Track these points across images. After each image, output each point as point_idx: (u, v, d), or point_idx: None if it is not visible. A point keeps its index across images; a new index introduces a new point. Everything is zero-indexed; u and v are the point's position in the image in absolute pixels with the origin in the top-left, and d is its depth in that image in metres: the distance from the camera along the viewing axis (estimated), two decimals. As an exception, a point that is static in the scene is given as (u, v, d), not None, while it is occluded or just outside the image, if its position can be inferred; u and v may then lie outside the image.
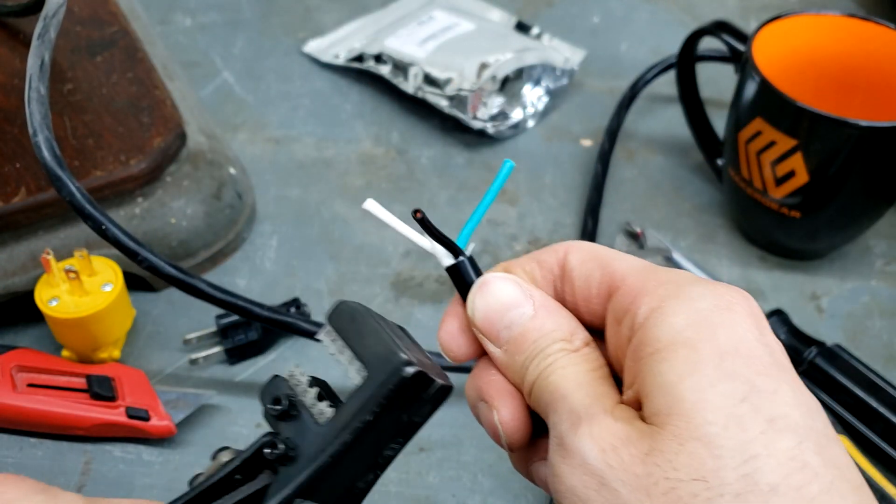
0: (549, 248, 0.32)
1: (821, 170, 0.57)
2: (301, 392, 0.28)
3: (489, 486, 0.51)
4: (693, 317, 0.26)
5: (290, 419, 0.28)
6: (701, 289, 0.27)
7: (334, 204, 0.67)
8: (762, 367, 0.26)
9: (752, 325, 0.27)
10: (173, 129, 0.59)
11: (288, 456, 0.27)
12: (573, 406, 0.27)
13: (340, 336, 0.28)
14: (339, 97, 0.76)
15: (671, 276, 0.29)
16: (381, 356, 0.27)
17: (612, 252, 0.31)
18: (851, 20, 0.62)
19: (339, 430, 0.27)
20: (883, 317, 0.61)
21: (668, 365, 0.26)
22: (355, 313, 0.28)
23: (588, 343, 0.30)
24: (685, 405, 0.25)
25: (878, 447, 0.52)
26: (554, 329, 0.30)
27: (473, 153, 0.71)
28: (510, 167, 0.30)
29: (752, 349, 0.26)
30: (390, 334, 0.27)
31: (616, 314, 0.29)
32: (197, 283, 0.49)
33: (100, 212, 0.46)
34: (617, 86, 0.76)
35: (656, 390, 0.26)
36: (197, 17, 0.83)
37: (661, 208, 0.68)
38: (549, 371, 0.29)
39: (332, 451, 0.27)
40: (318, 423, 0.27)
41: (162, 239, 0.58)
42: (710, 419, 0.24)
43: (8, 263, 0.55)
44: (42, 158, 0.45)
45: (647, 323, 0.27)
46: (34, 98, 0.46)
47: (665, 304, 0.27)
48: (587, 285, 0.30)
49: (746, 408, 0.25)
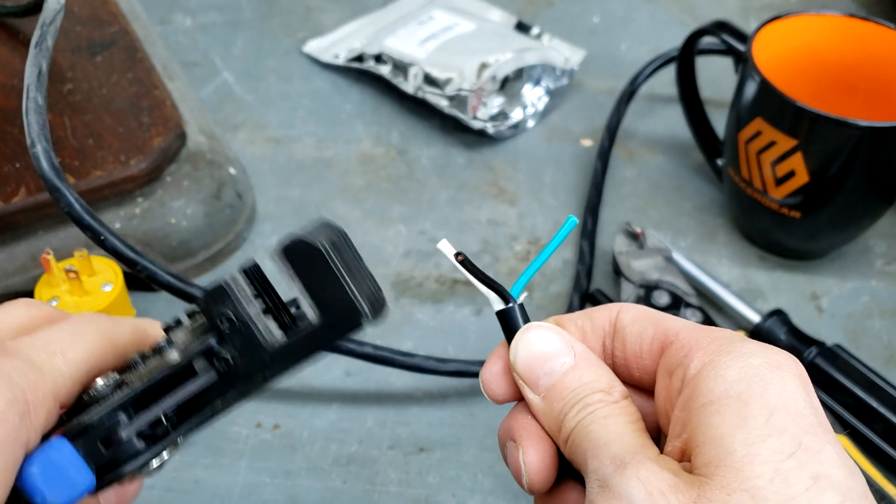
0: (602, 307, 0.33)
1: (821, 170, 0.57)
2: (246, 301, 0.30)
3: (489, 486, 0.51)
4: (745, 372, 0.27)
5: (236, 331, 0.30)
6: (753, 346, 0.29)
7: (334, 204, 0.67)
8: (809, 426, 0.27)
9: (799, 385, 0.28)
10: (173, 129, 0.59)
11: (233, 366, 0.30)
12: (616, 452, 0.28)
13: (293, 268, 0.29)
14: (339, 97, 0.76)
15: (724, 333, 0.30)
16: (340, 301, 0.29)
17: (662, 313, 0.32)
18: (851, 20, 0.62)
19: (285, 360, 0.29)
20: (883, 317, 0.61)
21: (719, 418, 0.27)
22: (313, 254, 0.29)
23: (626, 396, 0.30)
24: (735, 457, 0.26)
25: (878, 447, 0.52)
26: (593, 380, 0.30)
27: (473, 153, 0.71)
28: (573, 223, 0.31)
29: (800, 408, 0.27)
30: (348, 271, 0.29)
31: (668, 367, 0.30)
32: (195, 292, 0.49)
33: (98, 222, 0.46)
34: (617, 86, 0.76)
35: (707, 442, 0.27)
36: (197, 17, 0.83)
37: (661, 208, 0.68)
38: (588, 420, 0.30)
39: (276, 374, 0.30)
40: (266, 345, 0.29)
41: (162, 239, 0.58)
42: (758, 472, 0.25)
43: (8, 263, 0.55)
44: (40, 170, 0.45)
45: (699, 375, 0.28)
46: (31, 108, 0.46)
47: (718, 359, 0.28)
48: (639, 341, 0.31)
49: (793, 464, 0.25)
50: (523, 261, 0.63)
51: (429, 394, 0.55)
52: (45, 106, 0.47)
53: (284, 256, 0.29)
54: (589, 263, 0.62)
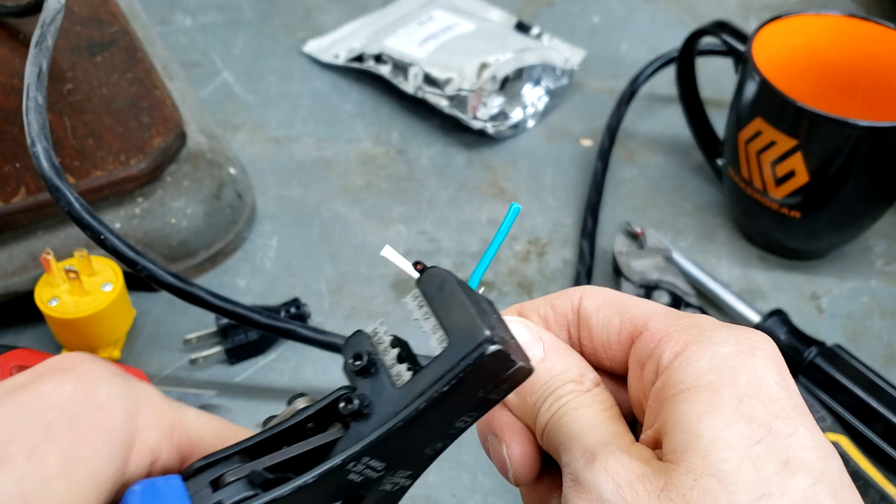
0: (562, 293, 0.32)
1: (821, 170, 0.57)
2: (382, 350, 0.29)
3: (489, 486, 0.51)
4: (715, 361, 0.27)
5: (368, 376, 0.28)
6: (723, 333, 0.28)
7: (334, 204, 0.67)
8: (780, 410, 0.26)
9: (772, 369, 0.27)
10: (173, 129, 0.59)
11: (361, 413, 0.28)
12: (587, 444, 0.28)
13: (427, 302, 0.28)
14: (339, 97, 0.76)
15: (694, 320, 0.29)
16: (465, 329, 0.26)
17: (627, 297, 0.31)
18: (851, 20, 0.62)
19: (414, 397, 0.27)
20: (883, 317, 0.61)
21: (688, 405, 0.26)
22: (444, 281, 0.28)
23: (598, 384, 0.30)
24: (701, 442, 0.25)
25: (878, 447, 0.52)
26: (564, 370, 0.30)
27: (473, 153, 0.71)
28: (516, 210, 0.29)
29: (771, 393, 0.27)
30: (476, 307, 0.27)
31: (639, 359, 0.30)
32: (196, 292, 0.49)
33: (98, 221, 0.46)
34: (617, 86, 0.76)
35: (675, 428, 0.26)
36: (197, 17, 0.83)
37: (661, 208, 0.68)
38: (561, 412, 0.29)
39: (405, 416, 0.27)
40: (395, 386, 0.27)
41: (162, 239, 0.58)
42: (726, 457, 0.25)
43: (8, 263, 0.55)
44: (40, 169, 0.45)
45: (670, 367, 0.28)
46: (32, 107, 0.46)
47: (688, 349, 0.28)
48: (606, 332, 0.31)
49: (762, 449, 0.25)
50: (523, 261, 0.63)
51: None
52: (45, 105, 0.47)
53: (419, 287, 0.28)
54: (589, 263, 0.62)
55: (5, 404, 0.24)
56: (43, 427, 0.24)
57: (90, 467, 0.25)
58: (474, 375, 0.26)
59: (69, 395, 0.25)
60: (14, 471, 0.23)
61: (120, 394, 0.26)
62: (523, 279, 0.62)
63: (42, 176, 0.45)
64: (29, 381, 0.25)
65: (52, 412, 0.24)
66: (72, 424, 0.24)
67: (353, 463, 0.27)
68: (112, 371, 0.26)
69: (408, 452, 0.28)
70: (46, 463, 0.24)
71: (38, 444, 0.24)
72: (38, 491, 0.23)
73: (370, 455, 0.27)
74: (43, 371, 0.26)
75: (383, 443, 0.27)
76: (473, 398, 0.27)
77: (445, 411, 0.27)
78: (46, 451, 0.24)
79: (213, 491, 0.27)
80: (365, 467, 0.27)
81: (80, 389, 0.25)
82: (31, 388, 0.25)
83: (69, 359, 0.26)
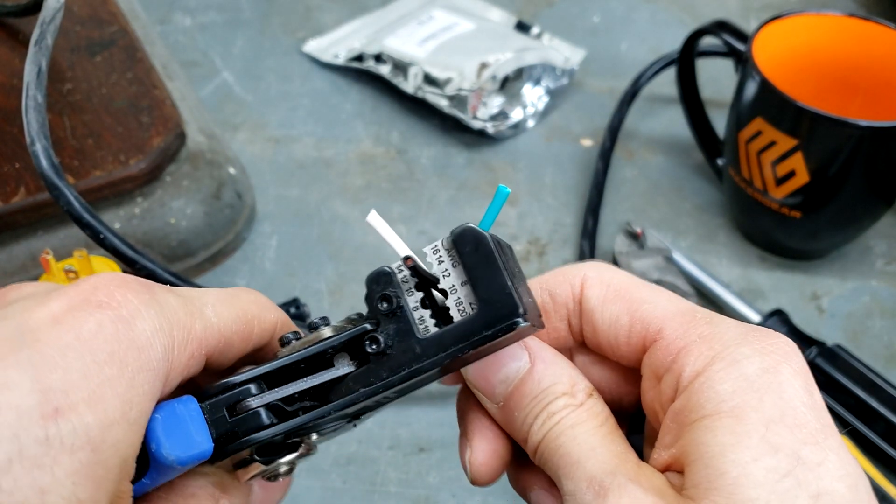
0: (561, 277, 0.30)
1: (821, 170, 0.57)
2: (406, 291, 0.29)
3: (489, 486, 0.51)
4: (739, 383, 0.26)
5: (393, 318, 0.29)
6: (747, 350, 0.27)
7: (334, 204, 0.67)
8: (808, 435, 0.25)
9: (799, 388, 0.26)
10: (173, 129, 0.59)
11: (385, 353, 0.28)
12: (592, 473, 0.26)
13: (460, 260, 0.28)
14: (339, 97, 0.76)
15: (714, 329, 0.27)
16: (500, 301, 0.27)
17: (634, 286, 0.29)
18: (851, 20, 0.62)
19: (436, 351, 0.27)
20: (883, 317, 0.61)
21: (712, 435, 0.25)
22: (480, 243, 0.28)
23: (591, 394, 0.28)
24: (727, 479, 0.24)
25: (879, 447, 0.52)
26: (554, 382, 0.28)
27: (473, 153, 0.71)
28: (505, 194, 0.29)
29: (799, 416, 0.25)
30: (510, 274, 0.28)
31: (654, 370, 0.28)
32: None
33: (98, 220, 0.46)
34: (617, 85, 0.76)
35: (698, 461, 0.25)
36: (197, 17, 0.83)
37: (662, 208, 0.68)
38: (556, 432, 0.27)
39: (426, 366, 0.28)
40: (419, 335, 0.28)
41: (161, 239, 0.58)
42: (753, 496, 0.24)
43: (7, 263, 0.55)
44: (39, 168, 0.45)
45: (691, 388, 0.26)
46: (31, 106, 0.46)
47: (710, 369, 0.26)
48: (614, 332, 0.29)
49: (790, 483, 0.24)
50: (523, 261, 0.63)
51: (429, 394, 0.55)
52: (44, 104, 0.47)
53: (454, 244, 0.28)
54: (589, 263, 0.62)
55: (49, 343, 0.24)
56: (96, 372, 0.24)
57: (141, 408, 0.25)
58: (497, 341, 0.27)
59: (112, 335, 0.24)
60: (81, 419, 0.23)
61: (155, 330, 0.25)
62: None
63: (41, 175, 0.45)
64: (67, 315, 0.24)
65: (100, 354, 0.24)
66: (122, 368, 0.24)
67: (369, 398, 0.28)
68: (142, 298, 0.26)
69: (416, 386, 0.29)
70: (108, 409, 0.24)
71: (96, 389, 0.24)
72: (102, 438, 0.23)
73: (386, 394, 0.28)
74: (78, 303, 0.25)
75: (400, 385, 0.28)
76: (485, 353, 0.28)
77: (458, 363, 0.28)
78: (106, 397, 0.24)
79: (230, 418, 0.27)
80: (377, 403, 0.29)
81: (121, 329, 0.25)
82: (73, 325, 0.24)
83: (102, 288, 0.25)
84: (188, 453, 0.26)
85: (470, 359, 0.28)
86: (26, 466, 0.22)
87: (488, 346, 0.27)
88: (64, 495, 0.23)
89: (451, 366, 0.28)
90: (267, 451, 0.29)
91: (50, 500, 0.23)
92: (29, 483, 0.22)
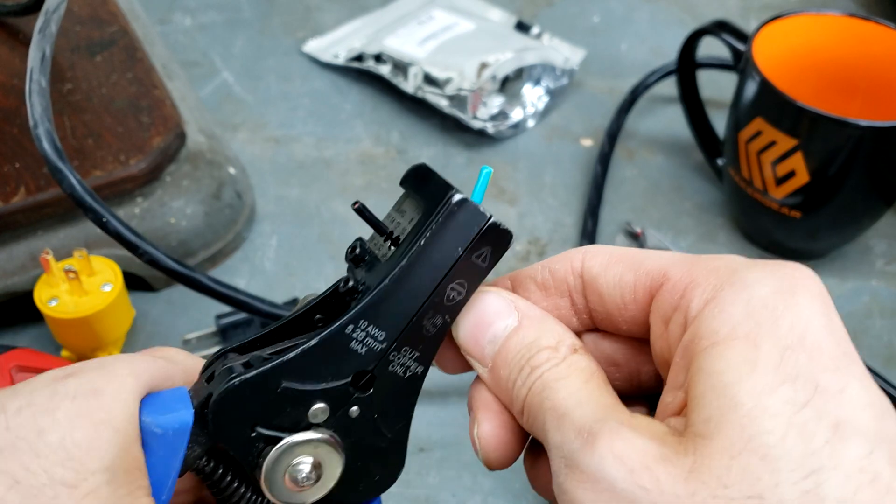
0: (561, 256, 0.29)
1: (821, 170, 0.57)
2: (377, 246, 0.30)
3: (489, 486, 0.51)
4: (753, 305, 0.23)
5: (364, 265, 0.29)
6: (759, 272, 0.24)
7: (334, 204, 0.67)
8: (829, 360, 0.23)
9: (817, 311, 0.24)
10: (173, 129, 0.59)
11: (357, 290, 0.29)
12: (580, 422, 0.24)
13: (411, 190, 0.29)
14: (339, 97, 0.76)
15: (722, 261, 0.26)
16: (437, 195, 0.28)
17: (636, 251, 0.28)
18: (851, 20, 0.62)
19: (398, 258, 0.28)
20: (883, 317, 0.61)
21: (723, 362, 0.23)
22: (427, 172, 0.29)
23: (577, 350, 0.27)
24: (740, 412, 0.22)
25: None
26: (537, 337, 0.27)
27: (473, 153, 0.71)
28: (488, 173, 0.29)
29: (818, 339, 0.23)
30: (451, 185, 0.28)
31: (662, 314, 0.26)
32: (198, 277, 0.48)
33: (101, 204, 0.46)
34: (617, 85, 0.76)
35: (708, 392, 0.23)
36: (197, 17, 0.83)
37: (662, 208, 0.68)
38: (539, 386, 0.26)
39: (392, 276, 0.27)
40: (383, 260, 0.29)
41: (161, 239, 0.58)
42: (768, 427, 0.22)
43: (7, 263, 0.55)
44: (42, 150, 0.45)
45: (700, 315, 0.24)
46: (35, 90, 0.46)
47: (720, 294, 0.24)
48: (619, 291, 0.27)
49: (810, 413, 0.22)
50: (523, 261, 0.63)
51: (429, 393, 0.55)
52: (48, 89, 0.46)
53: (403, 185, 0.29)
54: (589, 263, 0.62)
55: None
56: None
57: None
58: (447, 226, 0.27)
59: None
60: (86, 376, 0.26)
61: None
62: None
63: (45, 157, 0.45)
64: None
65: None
66: None
67: (352, 327, 0.28)
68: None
69: (405, 321, 0.28)
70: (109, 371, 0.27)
71: None
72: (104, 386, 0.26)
73: (367, 319, 0.28)
74: None
75: (377, 305, 0.28)
76: (453, 255, 0.28)
77: (430, 269, 0.28)
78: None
79: (207, 383, 0.28)
80: (366, 335, 0.28)
81: None
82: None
83: None
84: (166, 416, 0.27)
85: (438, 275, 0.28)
86: (32, 412, 0.25)
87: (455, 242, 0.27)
88: (61, 434, 0.24)
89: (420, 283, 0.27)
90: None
91: (48, 438, 0.24)
92: (31, 424, 0.24)
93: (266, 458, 0.28)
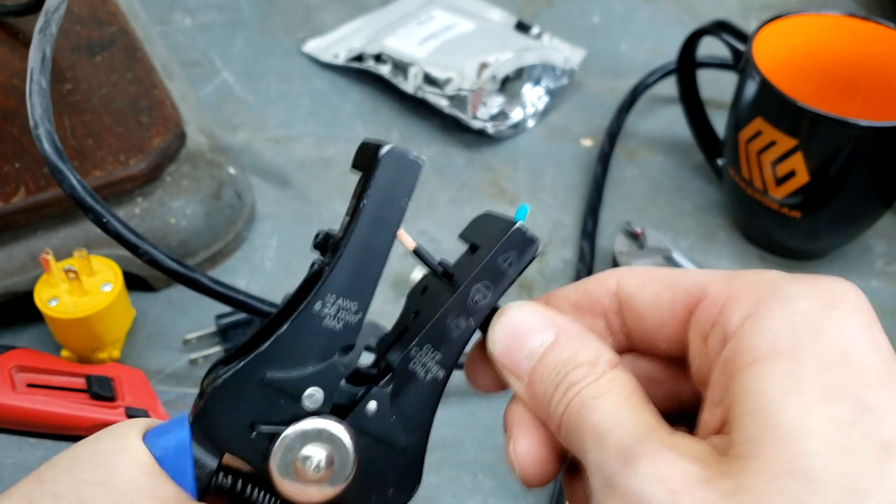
0: (595, 278, 0.29)
1: (821, 170, 0.57)
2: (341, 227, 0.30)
3: (489, 486, 0.51)
4: (794, 320, 0.23)
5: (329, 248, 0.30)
6: (800, 286, 0.24)
7: (334, 204, 0.67)
8: (875, 378, 0.22)
9: (860, 326, 0.23)
10: (173, 129, 0.59)
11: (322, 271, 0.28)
12: (620, 442, 0.24)
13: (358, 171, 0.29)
14: (339, 97, 0.76)
15: (762, 276, 0.25)
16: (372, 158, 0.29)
17: (674, 270, 0.28)
18: (851, 20, 0.62)
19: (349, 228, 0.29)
20: (883, 317, 0.60)
21: (765, 381, 0.22)
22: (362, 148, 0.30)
23: (615, 365, 0.26)
24: (781, 432, 0.21)
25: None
26: (575, 352, 0.27)
27: (473, 153, 0.71)
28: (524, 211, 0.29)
29: (862, 356, 0.22)
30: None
31: (701, 330, 0.26)
32: (198, 277, 0.48)
33: (101, 205, 0.45)
34: (617, 85, 0.76)
35: (748, 412, 0.22)
36: (197, 17, 0.83)
37: (662, 208, 0.68)
38: (577, 403, 0.25)
39: (346, 244, 0.28)
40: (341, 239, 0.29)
41: (161, 239, 0.58)
42: (811, 448, 0.21)
43: (7, 263, 0.55)
44: (43, 151, 0.45)
45: (740, 331, 0.24)
46: (35, 90, 0.46)
47: (761, 308, 0.24)
48: (657, 310, 0.27)
49: (856, 433, 0.21)
50: (523, 261, 0.63)
51: (429, 394, 0.55)
52: (48, 89, 0.46)
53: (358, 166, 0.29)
54: (589, 263, 0.62)
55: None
56: None
57: None
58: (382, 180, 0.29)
59: None
60: None
61: None
62: (523, 279, 0.62)
63: (45, 157, 0.45)
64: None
65: None
66: None
67: (320, 304, 0.27)
68: None
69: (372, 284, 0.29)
70: None
71: None
72: None
73: (334, 292, 0.28)
74: None
75: (339, 276, 0.28)
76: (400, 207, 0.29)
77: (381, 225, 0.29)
78: None
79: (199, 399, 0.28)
80: (338, 309, 0.28)
81: None
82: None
83: None
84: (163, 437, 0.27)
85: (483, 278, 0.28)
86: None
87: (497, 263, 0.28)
88: None
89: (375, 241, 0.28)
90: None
91: None
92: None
93: (272, 455, 0.27)
